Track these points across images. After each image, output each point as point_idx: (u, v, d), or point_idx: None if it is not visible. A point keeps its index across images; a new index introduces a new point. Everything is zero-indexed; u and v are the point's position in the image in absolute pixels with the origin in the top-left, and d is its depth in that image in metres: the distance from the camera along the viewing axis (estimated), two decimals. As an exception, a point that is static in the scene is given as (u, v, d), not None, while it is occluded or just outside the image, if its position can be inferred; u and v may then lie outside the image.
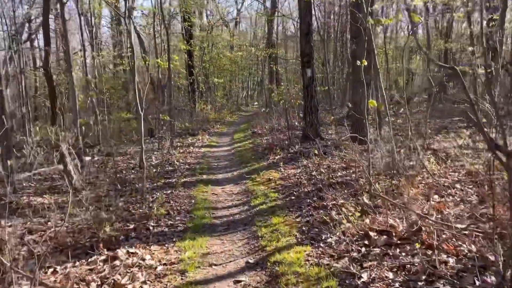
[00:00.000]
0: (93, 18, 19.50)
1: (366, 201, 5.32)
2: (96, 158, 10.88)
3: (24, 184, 8.43)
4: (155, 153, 11.50)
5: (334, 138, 11.01)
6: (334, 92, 24.25)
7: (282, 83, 28.85)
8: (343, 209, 5.04)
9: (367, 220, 4.46)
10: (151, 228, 5.01)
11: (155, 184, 7.58)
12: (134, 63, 7.61)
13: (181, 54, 23.69)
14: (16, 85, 17.90)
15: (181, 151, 11.79)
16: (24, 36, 21.50)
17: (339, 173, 7.07)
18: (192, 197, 6.64)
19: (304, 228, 4.73)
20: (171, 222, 5.34)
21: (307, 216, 5.15)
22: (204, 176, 8.41)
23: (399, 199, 5.17)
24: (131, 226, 5.05)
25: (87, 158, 10.28)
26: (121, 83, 17.77)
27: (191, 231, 5.01)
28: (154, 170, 8.91)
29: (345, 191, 5.87)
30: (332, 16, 23.00)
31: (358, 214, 4.82)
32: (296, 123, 14.88)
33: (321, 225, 4.70)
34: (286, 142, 11.17)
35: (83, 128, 14.84)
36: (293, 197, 6.12)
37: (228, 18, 30.70)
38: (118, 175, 8.60)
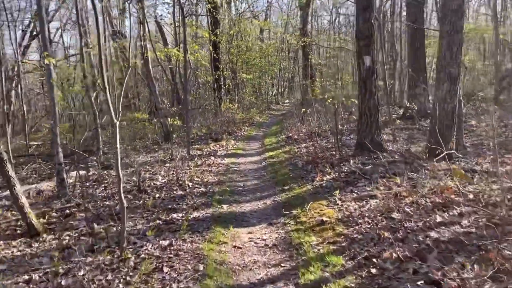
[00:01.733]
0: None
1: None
2: (91, 173, 8.59)
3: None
4: (166, 165, 9.11)
5: (399, 149, 8.24)
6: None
7: (317, 79, 26.16)
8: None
9: None
10: None
11: (150, 224, 5.12)
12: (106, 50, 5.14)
13: (204, 45, 21.40)
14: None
15: (199, 163, 9.35)
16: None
17: (438, 218, 4.36)
18: (201, 256, 4.10)
19: None
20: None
21: None
22: (225, 207, 5.89)
23: None
24: None
25: (73, 174, 8.00)
26: (131, 79, 15.54)
27: None
28: (157, 196, 6.48)
29: (475, 266, 3.18)
30: None
31: None
32: (339, 126, 12.17)
33: None
34: (334, 153, 8.52)
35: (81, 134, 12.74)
36: (374, 271, 3.47)
37: (257, 9, 28.13)
38: (106, 203, 6.23)
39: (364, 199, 5.45)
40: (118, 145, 3.84)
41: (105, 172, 8.70)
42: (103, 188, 7.27)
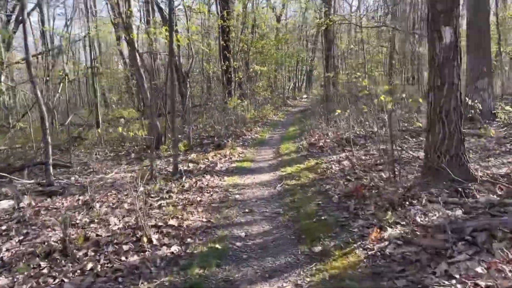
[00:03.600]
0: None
1: None
2: (25, 203, 5.85)
3: None
4: (141, 189, 6.32)
5: (494, 176, 5.24)
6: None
7: (340, 71, 23.18)
8: None
9: None
10: None
11: None
12: None
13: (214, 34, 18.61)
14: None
15: (187, 185, 6.55)
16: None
17: None
18: None
19: None
20: None
21: None
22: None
23: None
24: None
25: (5, 204, 5.32)
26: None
27: None
28: (90, 267, 3.68)
29: None
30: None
31: None
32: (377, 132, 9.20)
33: None
34: (385, 175, 5.59)
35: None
36: None
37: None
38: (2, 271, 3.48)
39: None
40: None
41: (48, 200, 5.98)
42: (23, 235, 4.52)
